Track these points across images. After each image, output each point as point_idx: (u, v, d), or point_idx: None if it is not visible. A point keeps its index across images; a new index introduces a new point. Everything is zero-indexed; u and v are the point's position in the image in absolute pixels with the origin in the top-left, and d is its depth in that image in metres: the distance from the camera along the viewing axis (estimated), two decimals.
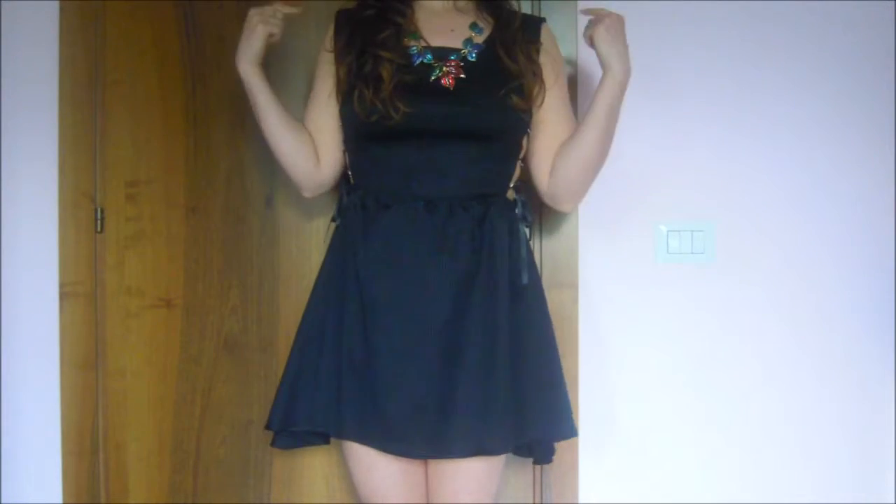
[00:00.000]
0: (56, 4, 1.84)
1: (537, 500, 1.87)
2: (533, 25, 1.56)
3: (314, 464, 1.87)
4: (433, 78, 1.46)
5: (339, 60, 1.50)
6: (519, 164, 1.56)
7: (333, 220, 1.58)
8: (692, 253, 1.87)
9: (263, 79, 1.50)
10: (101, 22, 1.85)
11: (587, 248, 1.85)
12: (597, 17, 1.46)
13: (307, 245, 1.88)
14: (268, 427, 1.51)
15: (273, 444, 1.54)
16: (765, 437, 1.88)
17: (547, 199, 1.59)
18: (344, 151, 1.56)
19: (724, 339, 1.87)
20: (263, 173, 1.87)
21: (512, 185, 1.54)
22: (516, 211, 1.52)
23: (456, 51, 1.49)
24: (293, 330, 1.85)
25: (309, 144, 1.55)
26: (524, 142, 1.55)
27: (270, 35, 1.49)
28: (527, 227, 1.54)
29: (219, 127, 1.87)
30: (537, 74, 1.50)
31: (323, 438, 1.55)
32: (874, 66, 1.87)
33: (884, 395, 1.89)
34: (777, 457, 1.88)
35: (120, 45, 1.86)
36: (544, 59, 1.53)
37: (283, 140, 1.53)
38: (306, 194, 1.62)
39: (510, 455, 1.52)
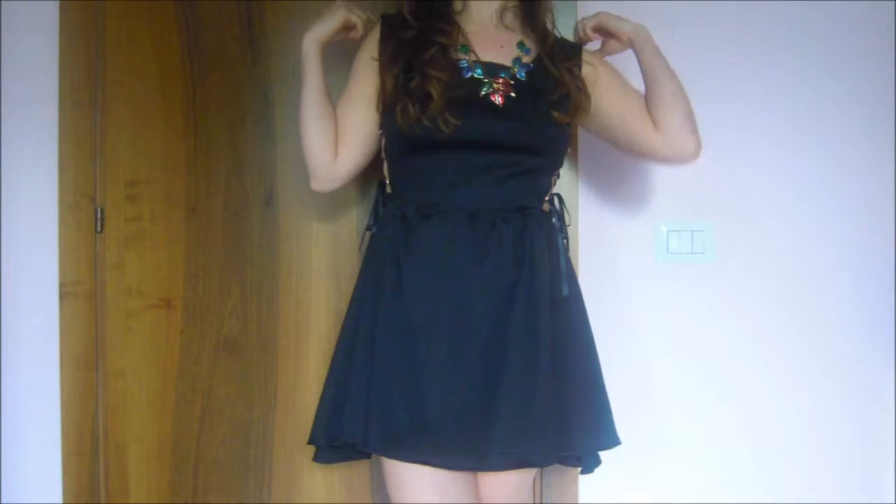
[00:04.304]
0: (56, 4, 1.83)
1: (537, 500, 1.87)
2: (572, 46, 1.59)
3: (314, 464, 1.86)
4: (483, 93, 1.46)
5: (384, 71, 1.49)
6: (554, 178, 1.57)
7: (369, 228, 1.57)
8: (692, 253, 1.87)
9: (319, 59, 1.50)
10: (101, 22, 1.85)
11: (587, 248, 1.85)
12: (582, 24, 1.60)
13: (307, 245, 1.88)
14: (310, 442, 1.50)
15: (315, 459, 1.53)
16: (764, 438, 1.88)
17: (669, 150, 1.53)
18: (383, 159, 1.56)
19: (724, 338, 1.88)
20: (263, 173, 1.87)
21: (547, 199, 1.55)
22: (553, 222, 1.53)
23: (506, 68, 1.49)
24: (293, 330, 1.87)
25: (333, 135, 1.53)
26: (564, 159, 1.57)
27: (350, 25, 1.52)
28: (564, 238, 1.54)
29: (219, 127, 1.87)
30: (581, 89, 1.52)
31: (365, 453, 1.53)
32: (875, 66, 1.87)
33: (884, 394, 1.89)
34: (777, 457, 1.88)
35: (120, 45, 1.86)
36: (587, 70, 1.55)
37: (312, 123, 1.51)
38: (314, 186, 1.57)
39: None
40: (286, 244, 1.88)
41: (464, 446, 1.38)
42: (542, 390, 1.40)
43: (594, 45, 1.63)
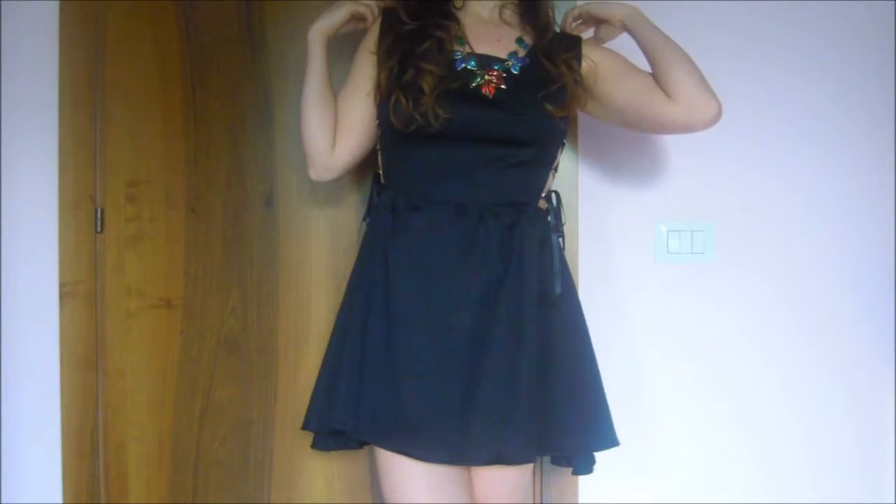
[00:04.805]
0: (56, 4, 1.84)
1: (537, 500, 1.87)
2: (572, 39, 1.58)
3: (314, 464, 1.87)
4: (474, 84, 1.46)
5: (380, 63, 1.50)
6: (552, 173, 1.56)
7: (364, 219, 1.58)
8: (692, 253, 1.87)
9: (322, 50, 1.52)
10: (101, 22, 1.85)
11: (587, 248, 1.85)
12: (572, 9, 1.59)
13: (307, 245, 1.88)
14: (304, 427, 1.51)
15: (313, 446, 1.54)
16: (764, 438, 1.88)
17: (690, 118, 1.46)
18: (378, 150, 1.57)
19: (724, 339, 1.88)
20: (263, 173, 1.87)
21: (544, 195, 1.54)
22: (549, 220, 1.52)
23: (500, 61, 1.49)
24: (293, 330, 1.87)
25: (332, 125, 1.54)
26: (559, 154, 1.56)
27: (358, 16, 1.53)
28: (559, 237, 1.53)
29: (219, 127, 1.87)
30: (578, 83, 1.51)
31: (359, 442, 1.54)
32: (874, 66, 1.87)
33: (884, 394, 1.89)
34: (777, 457, 1.88)
35: (120, 45, 1.86)
36: (586, 65, 1.53)
37: (314, 111, 1.52)
38: (312, 175, 1.59)
39: None
40: (286, 244, 1.88)
41: (441, 439, 1.38)
42: (523, 388, 1.40)
43: (587, 33, 1.62)
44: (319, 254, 1.88)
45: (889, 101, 1.87)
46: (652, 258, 1.88)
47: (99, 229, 1.86)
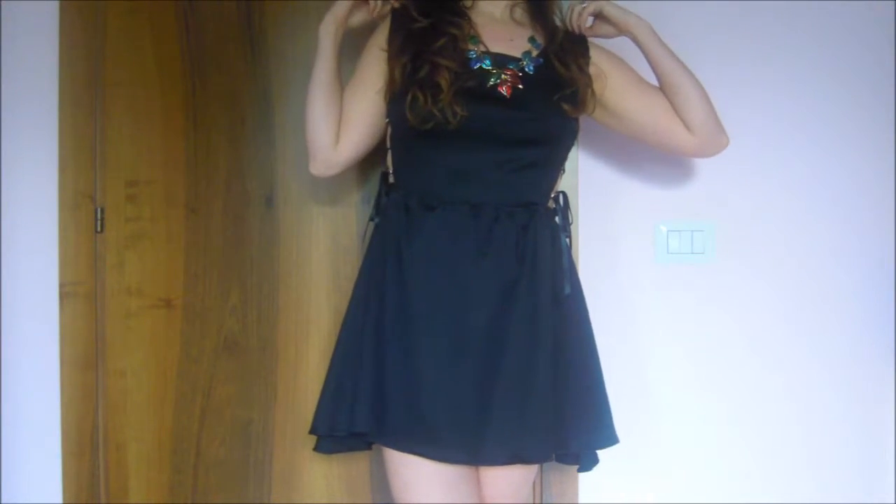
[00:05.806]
0: (56, 4, 1.84)
1: (537, 500, 1.87)
2: (580, 40, 1.57)
3: (314, 464, 1.87)
4: (490, 84, 1.46)
5: (393, 60, 1.49)
6: (561, 173, 1.57)
7: (371, 219, 1.58)
8: (692, 253, 1.87)
9: (333, 44, 1.51)
10: (101, 22, 1.85)
11: (587, 248, 1.85)
12: (580, 8, 1.55)
13: (307, 245, 1.88)
14: (313, 432, 1.50)
15: (316, 448, 1.53)
16: (764, 437, 1.88)
17: (705, 150, 1.60)
18: (388, 149, 1.56)
19: (724, 339, 1.88)
20: (263, 173, 1.87)
21: (553, 196, 1.55)
22: (556, 220, 1.52)
23: (515, 60, 1.49)
24: (293, 330, 1.87)
25: (337, 120, 1.53)
26: (568, 154, 1.57)
27: (361, 2, 1.52)
28: (567, 237, 1.54)
29: (219, 127, 1.87)
30: (589, 85, 1.52)
31: (366, 444, 1.54)
32: (874, 66, 1.87)
33: (884, 394, 1.89)
34: (777, 457, 1.88)
35: (120, 45, 1.86)
36: (594, 70, 1.54)
37: (320, 105, 1.51)
38: (313, 170, 1.57)
39: None
40: (286, 244, 1.88)
41: (458, 439, 1.38)
42: (539, 387, 1.40)
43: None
44: (319, 254, 1.88)
45: (889, 101, 1.87)
46: (652, 258, 1.88)
47: (99, 229, 1.86)
